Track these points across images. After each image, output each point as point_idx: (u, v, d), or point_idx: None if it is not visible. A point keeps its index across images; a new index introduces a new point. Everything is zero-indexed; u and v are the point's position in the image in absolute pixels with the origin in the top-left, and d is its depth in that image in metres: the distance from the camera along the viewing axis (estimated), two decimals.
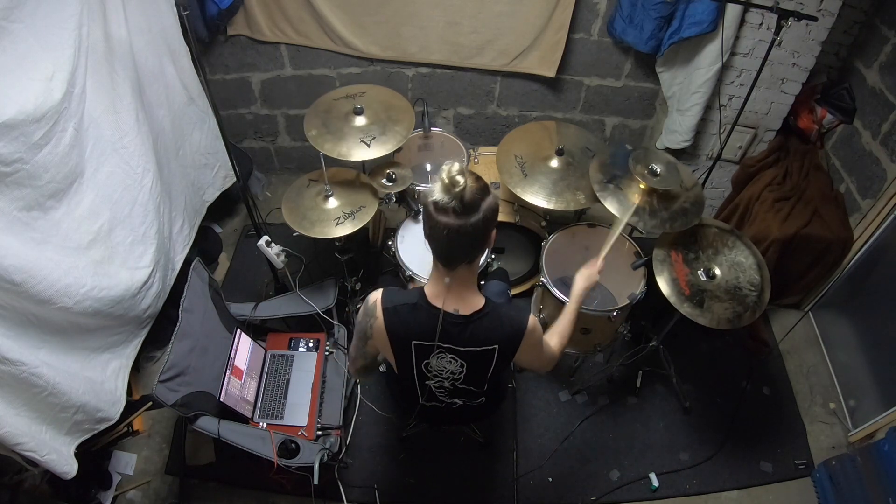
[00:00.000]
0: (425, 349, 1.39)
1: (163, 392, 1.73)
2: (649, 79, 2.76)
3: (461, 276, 1.29)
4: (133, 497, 2.17)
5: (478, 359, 1.40)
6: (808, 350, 2.61)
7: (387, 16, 2.52)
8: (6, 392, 1.48)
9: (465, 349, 1.37)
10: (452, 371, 1.45)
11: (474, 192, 1.15)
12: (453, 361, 1.42)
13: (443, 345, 1.37)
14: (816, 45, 2.28)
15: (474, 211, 1.16)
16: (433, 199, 1.16)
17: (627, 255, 2.20)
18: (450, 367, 1.44)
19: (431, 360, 1.43)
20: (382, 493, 2.14)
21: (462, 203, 1.14)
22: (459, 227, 1.16)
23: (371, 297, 1.40)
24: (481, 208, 1.16)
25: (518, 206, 2.33)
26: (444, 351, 1.39)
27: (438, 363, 1.43)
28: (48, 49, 1.55)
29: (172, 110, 2.22)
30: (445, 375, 1.47)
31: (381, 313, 1.36)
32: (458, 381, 1.48)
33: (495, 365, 1.42)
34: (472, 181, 1.17)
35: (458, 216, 1.15)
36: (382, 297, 1.38)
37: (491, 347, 1.37)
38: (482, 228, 1.19)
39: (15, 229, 1.48)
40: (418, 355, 1.42)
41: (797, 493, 2.20)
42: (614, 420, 2.36)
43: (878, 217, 2.25)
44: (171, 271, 2.22)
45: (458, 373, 1.45)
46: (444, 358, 1.41)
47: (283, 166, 3.31)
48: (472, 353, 1.38)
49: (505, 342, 1.37)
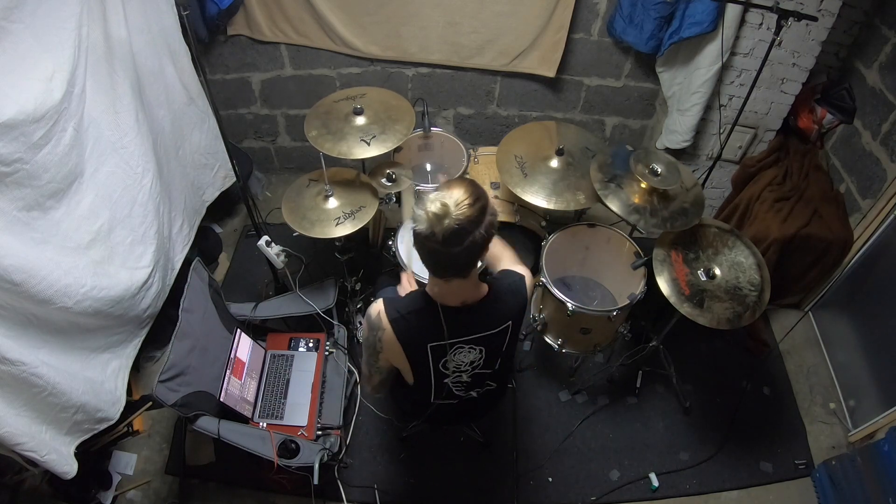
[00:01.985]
0: (441, 348, 1.39)
1: (163, 392, 1.73)
2: (649, 79, 2.76)
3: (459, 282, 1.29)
4: (133, 497, 2.17)
5: (494, 340, 1.42)
6: (808, 350, 2.61)
7: (387, 16, 2.52)
8: (6, 392, 1.48)
9: (481, 335, 1.39)
10: (472, 360, 1.46)
11: (461, 224, 1.12)
12: (472, 351, 1.42)
13: (458, 340, 1.38)
14: (816, 45, 2.28)
15: (467, 234, 1.14)
16: (418, 229, 1.15)
17: (627, 255, 2.19)
18: (468, 357, 1.44)
19: (449, 357, 1.42)
20: (382, 493, 2.14)
21: (444, 238, 1.12)
22: (451, 253, 1.16)
23: (373, 310, 1.36)
24: (465, 242, 1.14)
25: (518, 206, 2.33)
26: (461, 345, 1.39)
27: (456, 358, 1.43)
28: (48, 49, 1.55)
29: (172, 110, 2.22)
30: (464, 368, 1.47)
31: (388, 325, 1.34)
32: (478, 367, 1.49)
33: (510, 338, 1.45)
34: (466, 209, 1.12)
35: (441, 245, 1.14)
36: (386, 307, 1.35)
37: (505, 325, 1.40)
38: (466, 256, 1.18)
39: (15, 229, 1.48)
40: (435, 357, 1.42)
41: (797, 493, 2.20)
42: (614, 420, 2.36)
43: (878, 217, 2.25)
44: (171, 271, 2.22)
45: (478, 360, 1.46)
46: (462, 350, 1.41)
47: (283, 166, 3.31)
48: (488, 337, 1.40)
49: (515, 313, 1.41)
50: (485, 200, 1.18)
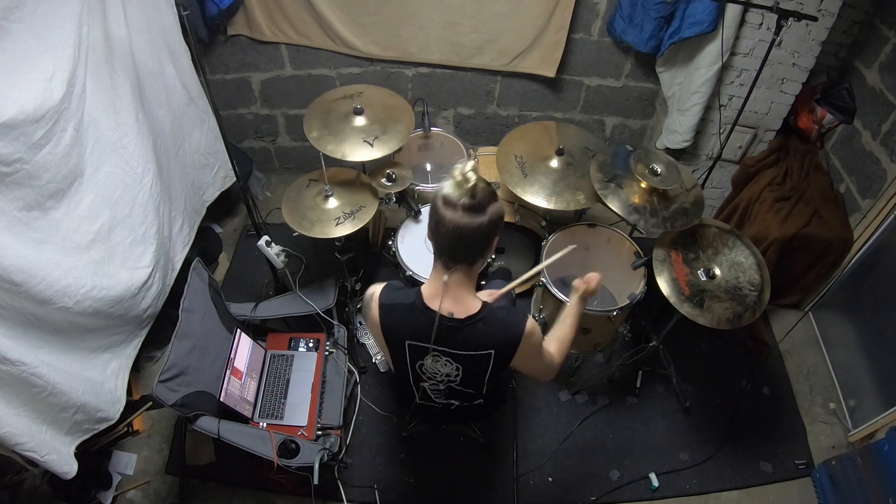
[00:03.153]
0: (420, 350, 1.39)
1: (163, 392, 1.73)
2: (649, 79, 2.76)
3: (459, 277, 1.29)
4: (133, 497, 2.17)
5: (473, 363, 1.39)
6: (808, 350, 2.61)
7: (386, 16, 2.51)
8: (6, 392, 1.48)
9: (460, 353, 1.36)
10: (448, 374, 1.44)
11: (484, 194, 1.17)
12: (448, 364, 1.41)
13: (437, 348, 1.36)
14: (816, 45, 2.28)
15: (481, 211, 1.17)
16: (443, 193, 1.17)
17: (627, 255, 2.20)
18: (444, 370, 1.43)
19: (426, 362, 1.42)
20: (382, 493, 2.14)
21: (471, 200, 1.15)
22: (465, 226, 1.17)
23: (370, 290, 1.41)
24: (488, 210, 1.18)
25: (518, 206, 2.33)
26: (438, 354, 1.38)
27: (433, 366, 1.42)
28: (48, 49, 1.55)
29: (172, 110, 2.22)
30: (440, 378, 1.47)
31: (377, 308, 1.37)
32: (455, 383, 1.48)
33: (492, 369, 1.41)
34: (484, 184, 1.18)
35: (465, 213, 1.16)
36: (381, 292, 1.38)
37: (486, 352, 1.35)
38: (486, 231, 1.20)
39: (15, 229, 1.48)
40: (412, 356, 1.42)
41: (797, 493, 2.20)
42: (614, 420, 2.36)
43: (878, 217, 2.25)
44: (171, 271, 2.22)
45: (454, 376, 1.44)
46: (440, 361, 1.40)
47: (283, 166, 3.31)
48: (467, 357, 1.37)
49: (501, 347, 1.34)
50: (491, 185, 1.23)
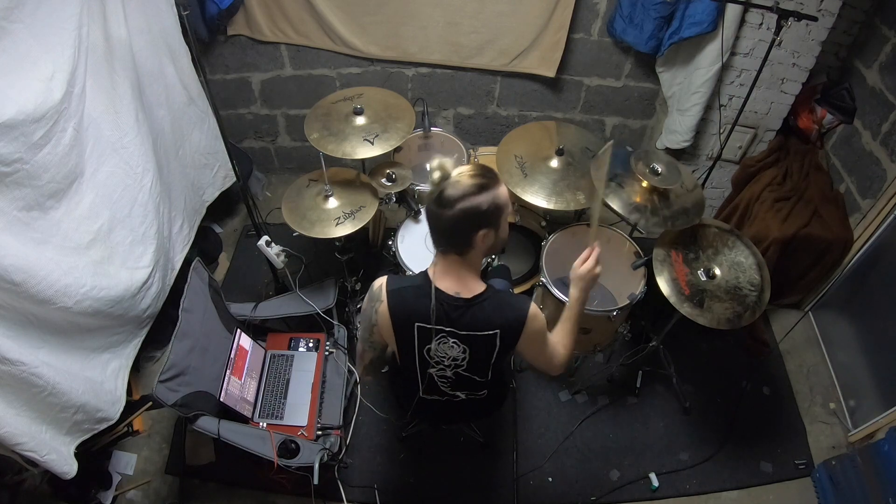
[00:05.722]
0: (427, 332, 1.40)
1: (163, 392, 1.73)
2: (649, 79, 2.76)
3: (456, 261, 1.34)
4: (133, 497, 2.17)
5: (480, 344, 1.41)
6: (808, 350, 2.61)
7: (386, 16, 2.52)
8: (6, 392, 1.48)
9: (466, 333, 1.39)
10: (454, 357, 1.45)
11: (455, 190, 1.22)
12: (455, 346, 1.42)
13: (444, 328, 1.38)
14: (816, 45, 2.28)
15: (449, 206, 1.23)
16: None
17: (627, 255, 2.19)
18: (451, 352, 1.44)
19: (433, 345, 1.43)
20: (382, 493, 2.14)
21: (437, 196, 1.24)
22: (437, 217, 1.27)
23: (376, 282, 1.43)
24: (456, 206, 1.23)
25: (518, 205, 2.33)
26: (445, 335, 1.40)
27: (440, 348, 1.44)
28: (48, 49, 1.55)
29: (172, 110, 2.22)
30: (447, 363, 1.48)
31: (385, 296, 1.39)
32: (462, 367, 1.49)
33: (498, 351, 1.43)
34: (465, 178, 1.24)
35: (436, 206, 1.26)
36: (388, 280, 1.41)
37: (492, 332, 1.38)
38: (460, 223, 1.25)
39: (15, 229, 1.48)
40: (420, 339, 1.43)
41: (797, 493, 2.20)
42: (614, 420, 2.36)
43: (878, 217, 2.25)
44: (171, 271, 2.22)
45: (461, 359, 1.46)
46: (446, 343, 1.42)
47: (283, 166, 3.31)
48: (474, 338, 1.39)
49: (506, 327, 1.37)
50: (490, 183, 1.26)
